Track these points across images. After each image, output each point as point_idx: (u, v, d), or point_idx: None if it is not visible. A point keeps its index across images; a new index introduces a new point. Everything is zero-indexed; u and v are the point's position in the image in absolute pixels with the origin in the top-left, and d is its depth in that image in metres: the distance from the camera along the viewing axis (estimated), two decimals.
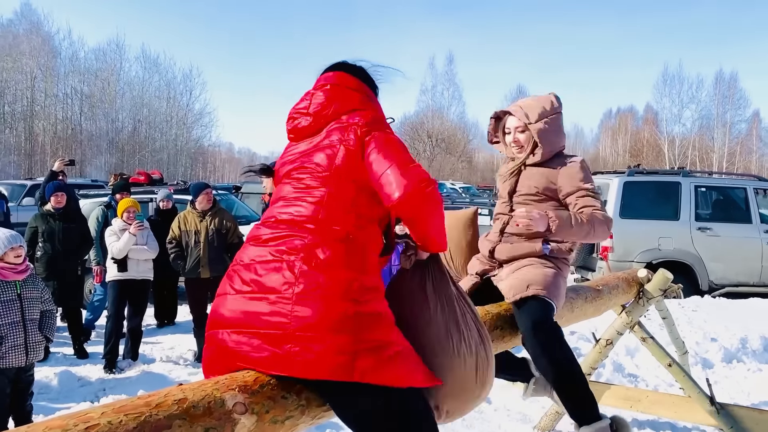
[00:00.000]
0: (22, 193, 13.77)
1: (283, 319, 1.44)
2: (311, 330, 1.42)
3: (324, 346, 1.41)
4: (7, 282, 3.76)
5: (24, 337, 3.76)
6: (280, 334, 1.43)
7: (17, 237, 3.85)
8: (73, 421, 1.14)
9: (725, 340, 5.73)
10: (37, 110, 36.70)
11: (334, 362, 1.40)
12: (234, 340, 1.49)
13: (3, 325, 3.68)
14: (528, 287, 2.36)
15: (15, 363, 3.73)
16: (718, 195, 8.65)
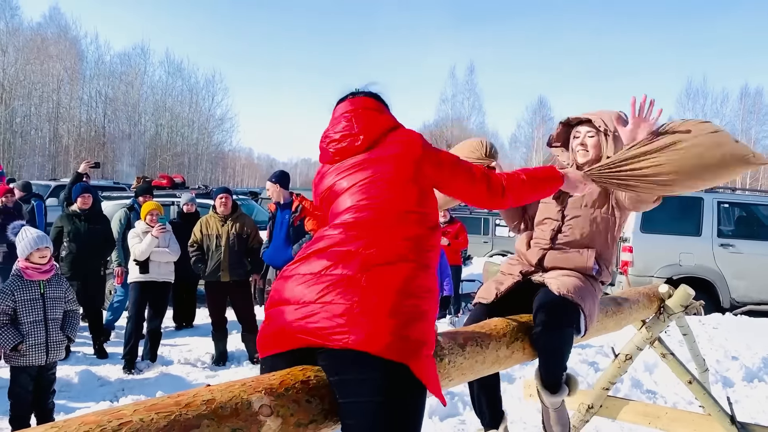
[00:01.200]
0: (46, 194, 13.93)
1: (347, 301, 1.52)
2: (372, 312, 1.50)
3: (379, 327, 1.49)
4: (31, 281, 3.84)
5: (45, 337, 3.83)
6: (343, 310, 1.51)
7: (44, 238, 3.93)
8: (107, 417, 1.17)
9: (747, 358, 5.66)
10: (62, 112, 37.33)
11: (387, 341, 1.48)
12: (299, 312, 1.56)
13: (25, 323, 3.76)
14: (577, 294, 2.33)
15: (35, 362, 3.80)
16: (742, 211, 8.55)
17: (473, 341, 2.08)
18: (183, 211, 7.09)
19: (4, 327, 3.69)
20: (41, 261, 3.87)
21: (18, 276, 3.84)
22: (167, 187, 9.03)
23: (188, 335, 6.85)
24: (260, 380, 1.47)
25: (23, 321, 3.76)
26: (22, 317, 3.76)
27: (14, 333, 3.71)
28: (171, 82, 43.78)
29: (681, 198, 8.27)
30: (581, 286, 2.40)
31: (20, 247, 3.86)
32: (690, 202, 8.14)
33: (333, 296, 1.54)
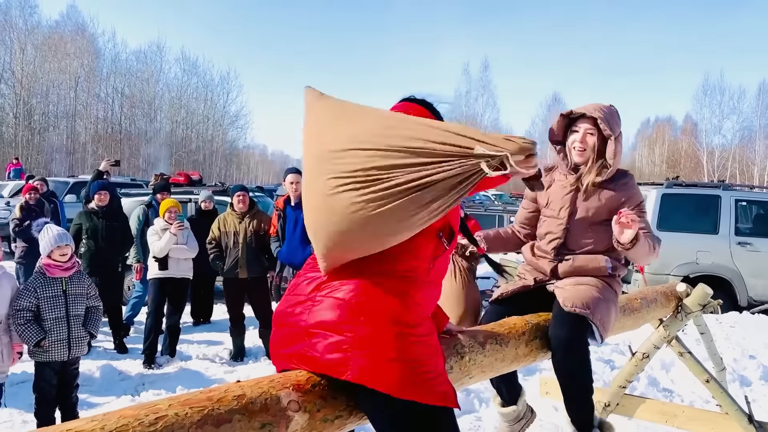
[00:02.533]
0: (65, 190, 14.15)
1: (341, 336, 1.49)
2: (364, 345, 1.47)
3: (370, 360, 1.46)
4: (53, 278, 3.91)
5: (67, 333, 3.90)
6: (337, 342, 1.49)
7: (64, 236, 4.00)
8: (144, 411, 1.22)
9: (764, 357, 5.63)
10: (79, 110, 37.74)
11: (376, 373, 1.46)
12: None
13: (48, 320, 3.84)
14: (586, 306, 2.34)
15: (58, 357, 3.88)
16: (759, 209, 8.47)
17: (493, 339, 2.12)
18: (201, 208, 7.17)
19: (28, 323, 3.77)
20: (62, 258, 3.94)
21: (41, 273, 3.92)
22: (184, 184, 9.12)
23: (206, 331, 6.93)
24: (288, 377, 1.51)
25: (46, 317, 3.83)
26: (44, 314, 3.83)
27: (37, 329, 3.78)
28: (186, 80, 44.13)
29: (698, 196, 8.23)
30: (592, 295, 2.40)
31: (42, 245, 3.94)
32: (707, 200, 8.09)
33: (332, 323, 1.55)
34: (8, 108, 34.60)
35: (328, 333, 1.50)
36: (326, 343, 1.50)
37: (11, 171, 19.37)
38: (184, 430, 1.23)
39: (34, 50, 35.43)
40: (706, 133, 45.34)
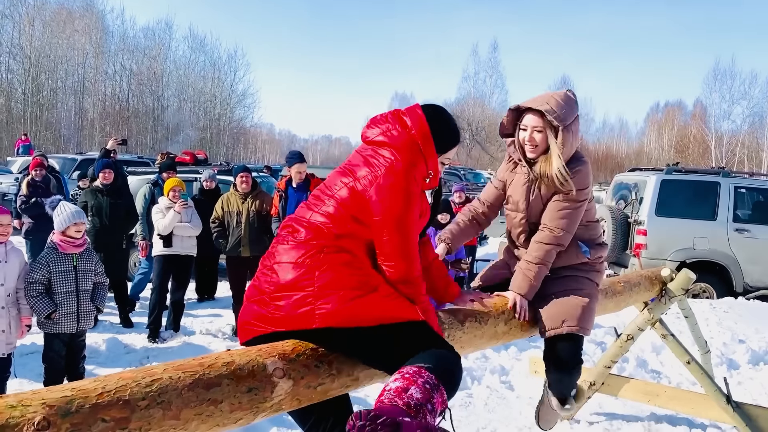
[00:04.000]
0: (72, 167, 14.31)
1: (303, 292, 1.78)
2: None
3: (335, 304, 1.74)
4: (65, 254, 4.07)
5: (76, 306, 4.08)
6: (301, 297, 1.76)
7: (80, 213, 4.16)
8: (141, 374, 1.36)
9: (754, 342, 5.75)
10: (87, 86, 37.81)
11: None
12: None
13: (59, 293, 4.00)
14: (563, 323, 2.49)
15: (67, 330, 4.06)
16: (759, 197, 8.53)
17: (472, 317, 2.24)
18: (203, 187, 7.30)
19: (40, 296, 3.93)
20: (77, 235, 4.10)
21: (53, 248, 4.07)
22: (190, 163, 9.24)
23: (210, 307, 7.10)
24: (275, 347, 1.65)
25: (57, 291, 4.00)
26: (56, 287, 3.99)
27: (48, 302, 3.95)
28: (194, 57, 44.03)
29: (698, 182, 8.30)
30: (574, 302, 2.53)
31: (58, 221, 4.08)
32: (707, 187, 8.16)
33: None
34: (17, 83, 34.72)
35: (291, 293, 1.74)
36: (291, 301, 1.73)
37: (20, 147, 19.54)
38: (177, 391, 1.37)
39: (42, 26, 35.43)
40: (716, 118, 44.97)
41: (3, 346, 3.81)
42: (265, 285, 1.83)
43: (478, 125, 49.62)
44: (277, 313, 1.75)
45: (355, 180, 1.90)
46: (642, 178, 8.47)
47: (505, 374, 4.92)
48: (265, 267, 1.89)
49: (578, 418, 4.05)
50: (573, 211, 2.51)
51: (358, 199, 1.86)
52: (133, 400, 1.30)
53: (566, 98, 2.46)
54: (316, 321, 1.69)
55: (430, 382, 1.55)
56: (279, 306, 1.75)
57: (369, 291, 1.75)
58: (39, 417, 1.18)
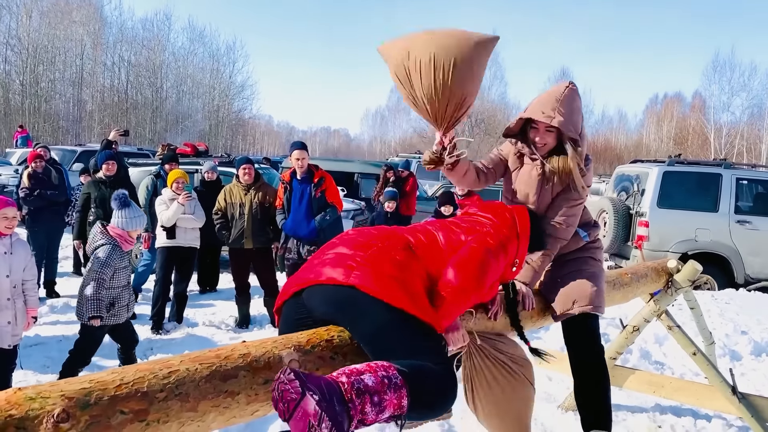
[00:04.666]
0: (72, 159, 14.28)
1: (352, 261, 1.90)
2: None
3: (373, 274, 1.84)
4: (123, 251, 4.25)
5: (128, 298, 4.30)
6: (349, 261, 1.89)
7: (146, 220, 4.59)
8: (159, 366, 1.35)
9: (756, 333, 5.76)
10: (85, 77, 37.64)
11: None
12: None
13: (117, 287, 4.17)
14: (574, 304, 2.55)
15: (121, 320, 4.25)
16: (760, 188, 8.53)
17: (482, 308, 2.24)
18: (204, 178, 7.28)
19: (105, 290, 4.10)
20: (135, 235, 4.34)
21: (116, 246, 4.20)
22: (191, 155, 9.22)
23: (212, 299, 7.10)
24: (290, 338, 1.64)
25: (116, 286, 4.16)
26: (116, 282, 4.16)
27: (107, 296, 4.11)
28: (193, 49, 43.84)
29: (699, 174, 8.29)
30: (581, 282, 2.59)
31: (131, 222, 4.25)
32: (708, 179, 8.16)
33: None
34: (15, 75, 34.55)
35: (342, 253, 1.89)
36: (339, 255, 1.89)
37: (18, 138, 19.47)
38: (194, 383, 1.36)
39: (40, 17, 35.21)
40: (715, 110, 44.91)
41: (9, 338, 3.81)
42: (333, 240, 2.04)
43: (478, 117, 49.48)
44: (323, 265, 1.86)
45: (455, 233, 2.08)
46: (644, 170, 8.47)
47: None
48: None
49: None
50: (577, 207, 2.58)
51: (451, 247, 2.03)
52: (151, 392, 1.30)
53: (571, 98, 2.44)
54: (352, 278, 1.77)
55: (391, 379, 1.52)
56: (327, 258, 1.89)
57: (404, 282, 1.81)
58: (58, 409, 1.17)
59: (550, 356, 2.57)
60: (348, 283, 1.75)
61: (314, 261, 1.95)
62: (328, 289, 1.79)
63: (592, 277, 2.64)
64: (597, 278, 2.65)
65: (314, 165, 5.75)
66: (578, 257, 2.69)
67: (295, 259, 5.62)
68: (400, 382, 1.53)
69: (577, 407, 2.81)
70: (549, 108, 2.40)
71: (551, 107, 2.39)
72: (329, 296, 1.80)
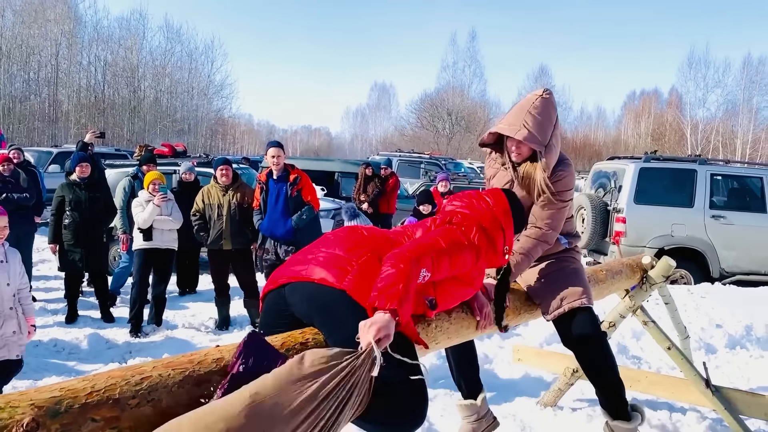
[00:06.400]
0: (48, 160, 14.07)
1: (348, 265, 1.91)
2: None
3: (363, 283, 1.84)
4: None
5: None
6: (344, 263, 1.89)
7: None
8: (131, 372, 1.35)
9: (730, 326, 5.86)
10: (61, 77, 37.08)
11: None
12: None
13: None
14: (562, 302, 2.61)
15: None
16: (734, 184, 8.69)
17: (459, 308, 2.26)
18: (182, 179, 7.22)
19: None
20: None
21: None
22: (169, 155, 9.13)
23: (192, 300, 7.05)
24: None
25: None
26: None
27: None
28: (170, 48, 43.39)
29: (675, 170, 8.42)
30: (566, 282, 2.65)
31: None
32: (684, 174, 8.28)
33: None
34: None
35: (337, 254, 1.88)
36: (332, 255, 1.88)
37: None
38: (167, 389, 1.36)
39: (13, 15, 34.61)
40: (691, 106, 45.59)
41: (16, 348, 3.65)
42: (327, 236, 2.04)
43: (458, 114, 49.66)
44: (316, 263, 1.86)
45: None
46: (621, 167, 8.57)
47: (488, 363, 4.96)
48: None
49: (561, 404, 4.10)
50: (558, 211, 2.62)
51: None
52: (123, 398, 1.29)
53: (543, 107, 2.48)
54: (345, 283, 1.78)
55: None
56: (320, 257, 1.88)
57: None
58: (28, 418, 1.16)
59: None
60: (340, 287, 1.76)
61: (307, 255, 1.93)
62: (314, 287, 1.80)
63: (575, 273, 2.71)
64: (579, 273, 2.73)
65: (290, 164, 5.74)
66: (558, 257, 2.76)
67: (272, 259, 5.61)
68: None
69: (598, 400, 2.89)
70: (516, 121, 2.47)
71: (519, 120, 2.46)
72: (314, 295, 1.80)
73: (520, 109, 2.49)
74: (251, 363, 1.46)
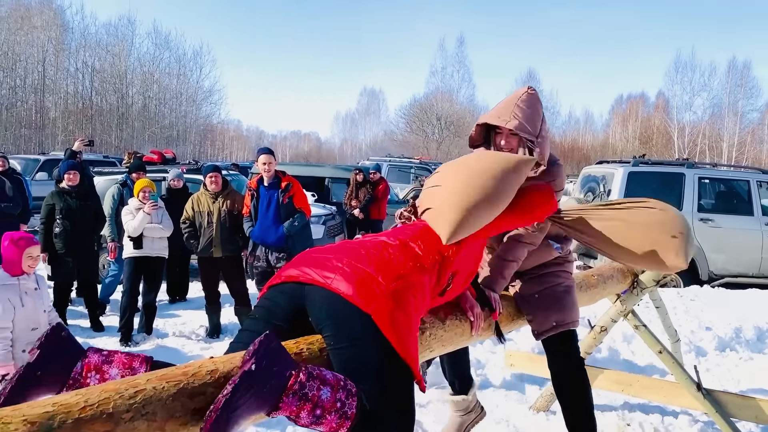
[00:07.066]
0: (35, 168, 13.99)
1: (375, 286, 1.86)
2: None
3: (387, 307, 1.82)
4: None
5: None
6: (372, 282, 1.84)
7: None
8: (124, 386, 1.33)
9: (720, 329, 5.90)
10: (48, 84, 36.85)
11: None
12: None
13: None
14: (553, 322, 2.66)
15: None
16: (722, 187, 8.76)
17: (453, 315, 2.26)
18: (170, 186, 7.18)
19: None
20: None
21: None
22: (158, 162, 9.09)
23: (182, 308, 7.00)
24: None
25: None
26: None
27: None
28: (158, 54, 43.25)
29: (663, 174, 8.48)
30: (558, 303, 2.69)
31: None
32: (672, 178, 8.34)
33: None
34: None
35: (370, 270, 1.83)
36: (363, 274, 1.81)
37: None
38: (161, 402, 1.35)
39: None
40: (678, 109, 45.99)
41: None
42: (355, 247, 1.96)
43: (447, 119, 49.79)
44: (343, 272, 1.80)
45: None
46: (609, 171, 8.62)
47: (481, 368, 4.96)
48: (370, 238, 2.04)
49: (554, 409, 4.11)
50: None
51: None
52: (117, 412, 1.27)
53: (530, 101, 2.45)
54: (372, 307, 1.73)
55: (345, 404, 1.55)
56: (347, 269, 1.81)
57: (411, 326, 1.82)
58: None
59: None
60: (366, 311, 1.72)
61: (335, 262, 1.85)
62: (338, 300, 1.74)
63: (567, 292, 2.74)
64: (571, 293, 2.76)
65: (281, 171, 5.73)
66: (552, 271, 2.77)
67: (264, 266, 5.58)
68: (350, 413, 1.55)
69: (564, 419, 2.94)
70: (506, 112, 2.41)
71: (508, 111, 2.41)
72: (335, 307, 1.75)
73: (508, 103, 2.45)
74: (264, 365, 1.47)
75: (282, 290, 1.88)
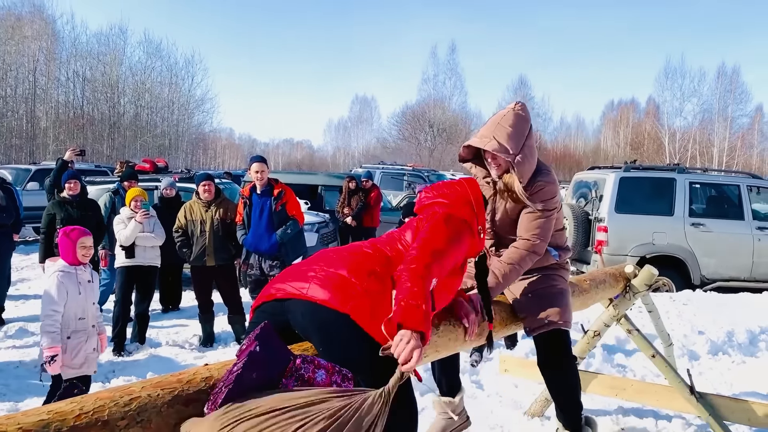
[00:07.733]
0: (26, 178, 13.90)
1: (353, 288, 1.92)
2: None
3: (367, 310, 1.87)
4: None
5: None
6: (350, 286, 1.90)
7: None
8: (119, 393, 1.33)
9: (712, 333, 5.93)
10: (39, 93, 36.71)
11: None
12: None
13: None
14: (546, 320, 2.66)
15: None
16: (712, 191, 8.82)
17: (447, 321, 2.27)
18: (163, 195, 7.16)
19: None
20: None
21: None
22: (150, 171, 9.07)
23: (175, 317, 6.98)
24: None
25: None
26: None
27: None
28: (150, 63, 43.20)
29: (655, 179, 8.53)
30: (552, 302, 2.69)
31: None
32: (663, 183, 8.40)
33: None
34: None
35: (343, 273, 1.89)
36: (336, 275, 1.88)
37: None
38: (156, 409, 1.35)
39: None
40: (668, 115, 46.36)
41: (94, 364, 4.05)
42: (329, 254, 2.04)
43: (440, 126, 49.97)
44: (317, 279, 1.87)
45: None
46: (601, 176, 8.67)
47: (475, 373, 4.97)
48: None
49: (548, 415, 4.11)
50: (546, 221, 2.64)
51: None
52: (112, 420, 1.28)
53: (515, 121, 2.55)
54: (347, 307, 1.79)
55: (342, 374, 1.65)
56: (321, 275, 1.88)
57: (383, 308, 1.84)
58: None
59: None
60: (344, 311, 1.79)
61: (308, 273, 1.92)
62: (316, 307, 1.82)
63: (562, 294, 2.76)
64: (565, 295, 2.78)
65: (274, 179, 5.73)
66: (548, 273, 2.80)
67: (257, 275, 5.58)
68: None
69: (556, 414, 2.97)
70: (488, 133, 2.54)
71: (490, 132, 2.54)
72: (315, 315, 1.83)
73: (492, 123, 2.58)
74: (266, 347, 1.56)
75: (263, 310, 1.99)
